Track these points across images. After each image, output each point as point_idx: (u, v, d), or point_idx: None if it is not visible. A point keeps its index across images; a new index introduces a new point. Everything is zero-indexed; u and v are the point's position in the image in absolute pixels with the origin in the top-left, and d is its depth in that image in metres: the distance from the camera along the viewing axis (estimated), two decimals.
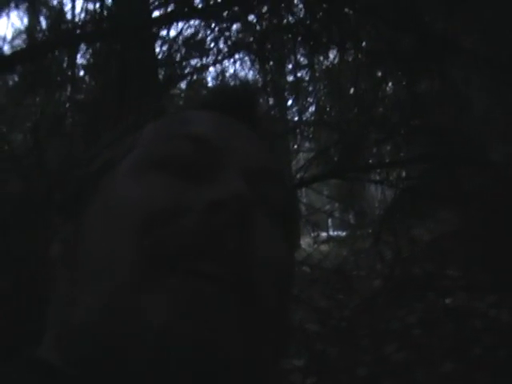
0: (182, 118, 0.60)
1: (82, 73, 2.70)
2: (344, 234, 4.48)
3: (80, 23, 2.66)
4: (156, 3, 2.65)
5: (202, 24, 2.79)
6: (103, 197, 0.53)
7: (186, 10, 2.51)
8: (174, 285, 0.45)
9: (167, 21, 2.57)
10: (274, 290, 0.50)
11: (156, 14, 2.72)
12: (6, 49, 3.10)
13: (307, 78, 3.64)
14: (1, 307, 1.57)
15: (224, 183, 0.50)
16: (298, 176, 2.73)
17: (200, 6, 2.59)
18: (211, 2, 2.65)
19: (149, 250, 0.46)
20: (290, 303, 0.57)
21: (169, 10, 2.69)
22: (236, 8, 2.61)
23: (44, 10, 2.83)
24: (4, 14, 2.83)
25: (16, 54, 2.35)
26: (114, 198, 0.52)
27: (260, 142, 0.60)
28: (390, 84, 3.37)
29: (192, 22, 2.83)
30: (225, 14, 2.66)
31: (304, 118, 3.90)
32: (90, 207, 0.54)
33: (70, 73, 2.57)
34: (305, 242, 3.53)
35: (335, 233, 4.69)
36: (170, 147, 0.54)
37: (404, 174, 3.52)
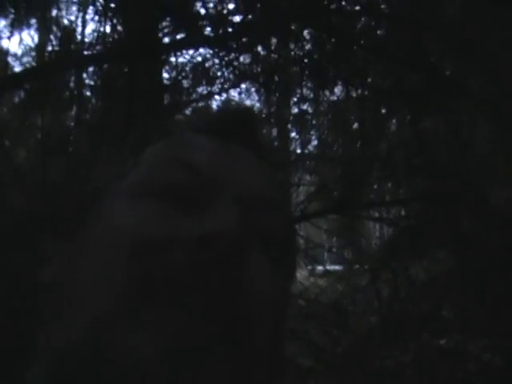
0: (181, 143, 0.59)
1: (88, 93, 2.71)
2: (340, 268, 4.46)
3: (89, 44, 2.69)
4: (166, 30, 2.67)
5: (211, 52, 2.82)
6: (98, 221, 0.53)
7: (196, 38, 2.53)
8: (159, 316, 0.44)
9: (177, 47, 2.59)
10: (265, 325, 0.49)
11: (166, 40, 2.75)
12: (16, 65, 3.13)
13: (311, 111, 3.66)
14: None
15: (215, 215, 0.49)
16: (298, 210, 2.73)
17: (210, 34, 2.62)
18: (221, 32, 2.68)
19: (136, 279, 0.46)
20: (283, 338, 0.56)
21: (179, 37, 2.72)
22: (245, 39, 2.64)
23: (54, 29, 2.86)
24: (16, 32, 2.86)
25: (25, 72, 2.37)
26: (107, 224, 0.52)
27: (259, 169, 0.59)
28: (394, 121, 3.39)
29: (201, 51, 2.86)
30: (234, 44, 2.68)
31: (306, 151, 3.91)
32: (86, 230, 0.53)
33: (76, 92, 2.58)
34: (301, 275, 3.51)
35: (331, 267, 4.66)
36: (165, 174, 0.53)
37: (403, 212, 3.52)
